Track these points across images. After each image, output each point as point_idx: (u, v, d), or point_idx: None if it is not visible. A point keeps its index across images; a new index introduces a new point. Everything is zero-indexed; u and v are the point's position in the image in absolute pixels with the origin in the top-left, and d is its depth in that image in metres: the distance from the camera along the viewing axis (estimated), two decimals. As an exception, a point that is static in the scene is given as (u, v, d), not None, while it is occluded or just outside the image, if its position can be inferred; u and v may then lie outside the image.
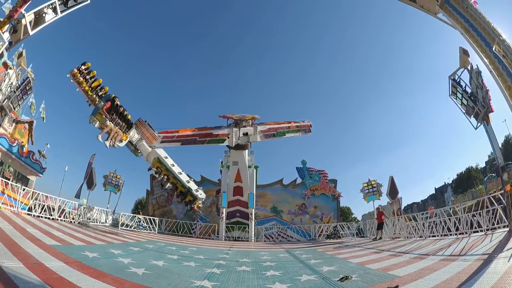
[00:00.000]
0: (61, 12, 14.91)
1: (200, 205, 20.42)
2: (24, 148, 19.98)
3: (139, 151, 18.19)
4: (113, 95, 14.87)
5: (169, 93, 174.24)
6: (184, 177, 18.95)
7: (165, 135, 20.11)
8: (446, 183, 64.83)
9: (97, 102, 14.23)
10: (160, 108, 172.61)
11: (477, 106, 12.42)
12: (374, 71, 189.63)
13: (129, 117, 16.01)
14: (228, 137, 22.48)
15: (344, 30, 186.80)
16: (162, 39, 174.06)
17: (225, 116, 23.69)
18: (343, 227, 22.02)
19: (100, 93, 14.50)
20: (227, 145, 23.45)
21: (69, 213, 17.37)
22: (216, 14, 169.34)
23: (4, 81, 16.64)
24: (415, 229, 14.39)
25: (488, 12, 10.79)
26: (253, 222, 22.16)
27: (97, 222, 19.14)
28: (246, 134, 23.08)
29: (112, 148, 14.71)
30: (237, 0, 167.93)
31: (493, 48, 9.87)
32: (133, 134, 17.03)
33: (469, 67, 13.07)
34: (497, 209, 10.11)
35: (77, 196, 22.60)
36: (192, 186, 19.15)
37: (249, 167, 23.64)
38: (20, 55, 17.68)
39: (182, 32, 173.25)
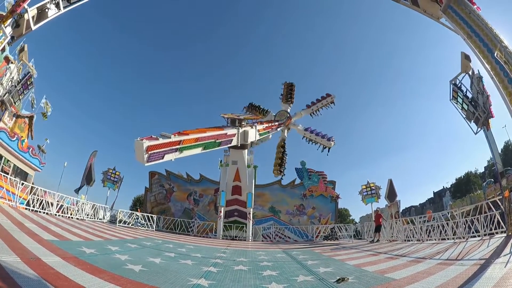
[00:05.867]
0: (64, 8, 14.90)
1: None
2: (23, 143, 19.94)
3: None
4: None
5: (171, 92, 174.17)
6: None
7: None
8: (445, 187, 64.84)
9: None
10: (159, 107, 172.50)
11: (477, 111, 12.44)
12: (375, 74, 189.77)
13: None
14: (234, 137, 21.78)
15: (346, 32, 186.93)
16: (164, 37, 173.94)
17: (225, 115, 23.53)
18: (341, 229, 22.03)
19: None
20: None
21: (67, 209, 17.36)
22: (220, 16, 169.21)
23: (5, 75, 16.62)
24: (413, 233, 14.39)
25: (491, 18, 10.78)
26: (251, 222, 22.15)
27: (95, 218, 19.15)
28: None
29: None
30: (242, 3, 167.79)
31: (495, 54, 9.86)
32: None
33: (470, 72, 13.09)
34: (495, 215, 10.12)
35: (77, 191, 22.67)
36: None
37: (248, 166, 23.63)
38: (22, 49, 17.64)
39: (183, 32, 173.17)
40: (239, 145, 20.59)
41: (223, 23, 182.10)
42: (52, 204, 16.08)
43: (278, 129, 23.80)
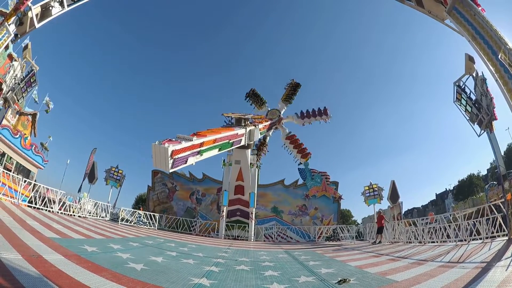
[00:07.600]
0: (68, 6, 14.92)
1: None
2: (26, 140, 20.03)
3: None
4: None
5: (172, 91, 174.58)
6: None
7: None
8: (447, 189, 64.67)
9: None
10: (159, 106, 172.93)
11: (481, 113, 12.34)
12: (379, 75, 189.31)
13: None
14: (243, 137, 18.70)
15: (349, 33, 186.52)
16: (166, 37, 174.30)
17: (228, 114, 23.32)
18: (343, 230, 21.98)
19: None
20: None
21: (70, 206, 17.43)
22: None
23: (9, 73, 16.68)
24: (415, 235, 14.34)
25: (496, 20, 10.69)
26: (253, 222, 22.14)
27: (97, 216, 19.21)
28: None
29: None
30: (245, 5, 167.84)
31: (499, 56, 9.79)
32: None
33: (474, 74, 13.00)
34: (497, 218, 10.06)
35: (79, 190, 22.77)
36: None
37: (251, 166, 23.55)
38: (26, 47, 17.70)
39: (184, 31, 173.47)
40: (246, 144, 20.40)
41: (224, 23, 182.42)
42: (54, 202, 16.15)
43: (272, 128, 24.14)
